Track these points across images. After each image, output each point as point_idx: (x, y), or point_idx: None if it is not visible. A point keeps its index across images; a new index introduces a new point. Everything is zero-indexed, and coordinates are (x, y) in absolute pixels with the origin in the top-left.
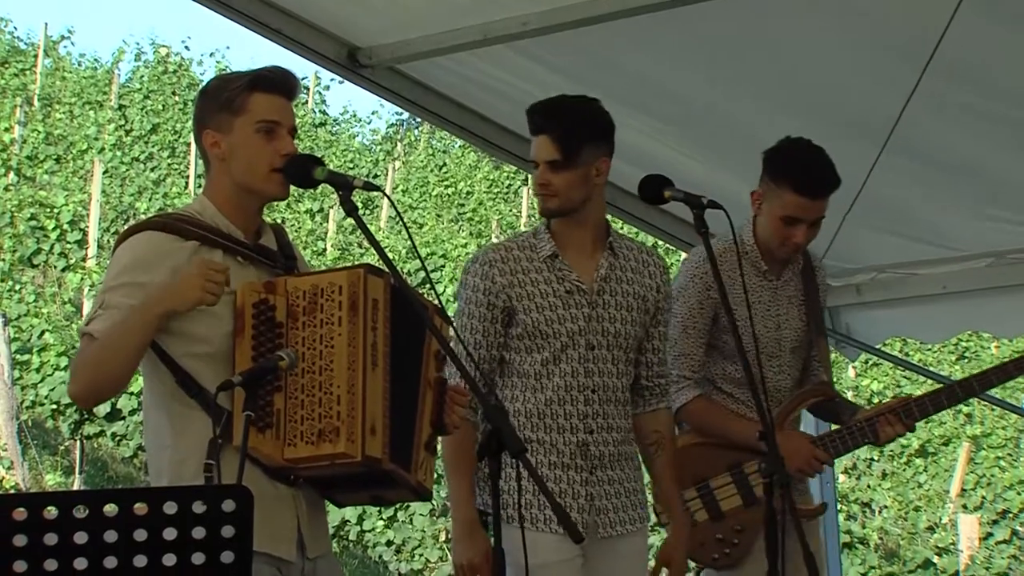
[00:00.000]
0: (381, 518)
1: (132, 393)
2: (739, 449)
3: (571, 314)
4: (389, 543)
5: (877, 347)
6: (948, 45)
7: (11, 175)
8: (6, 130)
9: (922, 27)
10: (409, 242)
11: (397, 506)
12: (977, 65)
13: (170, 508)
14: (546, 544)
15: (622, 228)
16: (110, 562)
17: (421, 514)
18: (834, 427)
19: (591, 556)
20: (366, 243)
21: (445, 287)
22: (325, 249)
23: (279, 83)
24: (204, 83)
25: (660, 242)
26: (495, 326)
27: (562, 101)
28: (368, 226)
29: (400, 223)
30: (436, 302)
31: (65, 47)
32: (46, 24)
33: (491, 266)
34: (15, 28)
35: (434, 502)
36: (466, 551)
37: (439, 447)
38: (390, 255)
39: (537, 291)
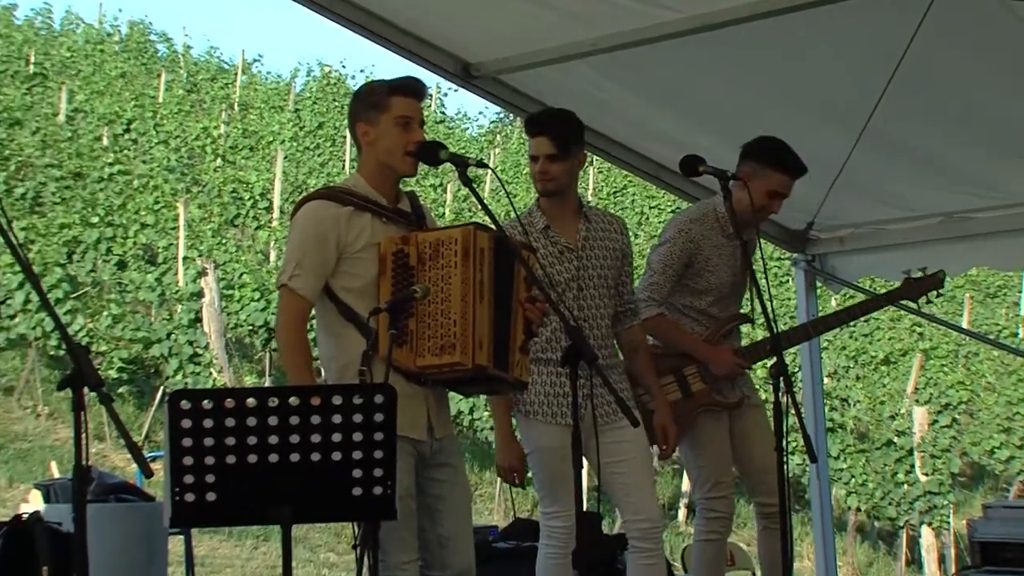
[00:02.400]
0: (486, 410)
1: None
2: (682, 356)
3: (564, 267)
4: (492, 428)
5: (854, 283)
6: (910, 59)
7: (219, 160)
8: (215, 127)
9: (889, 45)
10: (509, 207)
11: None
12: (930, 73)
13: (337, 400)
14: (542, 429)
15: (663, 196)
16: (294, 439)
17: None
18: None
19: (601, 440)
20: (475, 209)
21: None
22: (444, 214)
23: (412, 88)
24: (356, 88)
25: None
26: None
27: (554, 112)
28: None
29: (498, 195)
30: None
31: (256, 67)
32: (243, 50)
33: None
34: (221, 53)
35: None
36: (506, 456)
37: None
38: None
39: (541, 254)
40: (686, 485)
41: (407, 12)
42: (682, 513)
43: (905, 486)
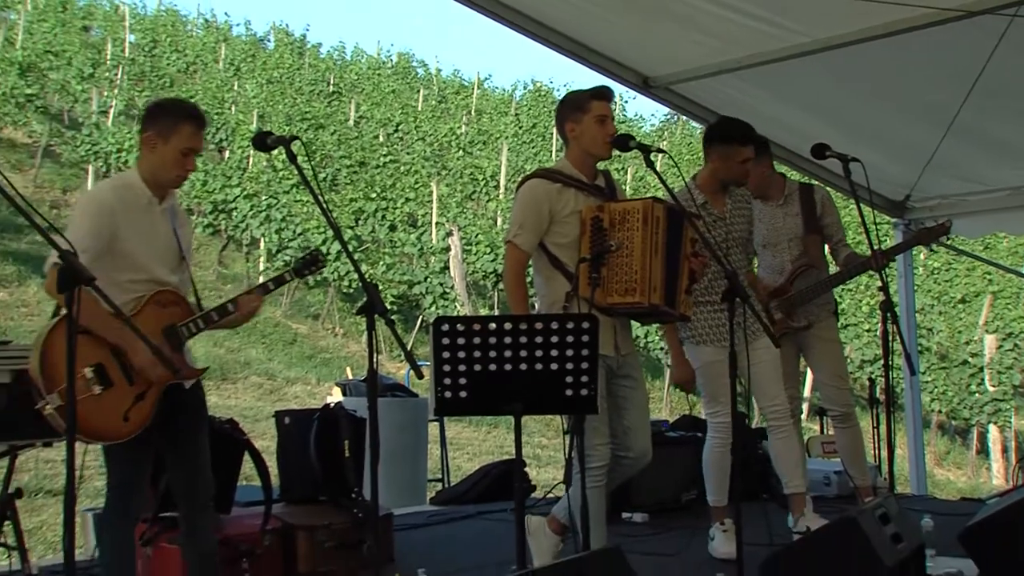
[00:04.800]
0: (657, 334)
1: None
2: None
3: (716, 232)
4: (662, 348)
5: (942, 241)
6: (991, 68)
7: (460, 152)
8: (458, 128)
9: (974, 58)
10: (678, 184)
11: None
12: (1005, 79)
13: (554, 325)
14: (708, 351)
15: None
16: (523, 353)
17: None
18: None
19: (750, 354)
20: (649, 187)
21: None
22: (626, 191)
23: (606, 94)
24: (562, 96)
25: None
26: None
27: (749, 126)
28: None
29: (665, 175)
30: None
31: (487, 83)
32: (478, 71)
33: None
34: (462, 73)
35: None
36: (681, 373)
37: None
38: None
39: (702, 221)
40: (807, 391)
41: (600, 38)
42: (804, 411)
43: (976, 394)
